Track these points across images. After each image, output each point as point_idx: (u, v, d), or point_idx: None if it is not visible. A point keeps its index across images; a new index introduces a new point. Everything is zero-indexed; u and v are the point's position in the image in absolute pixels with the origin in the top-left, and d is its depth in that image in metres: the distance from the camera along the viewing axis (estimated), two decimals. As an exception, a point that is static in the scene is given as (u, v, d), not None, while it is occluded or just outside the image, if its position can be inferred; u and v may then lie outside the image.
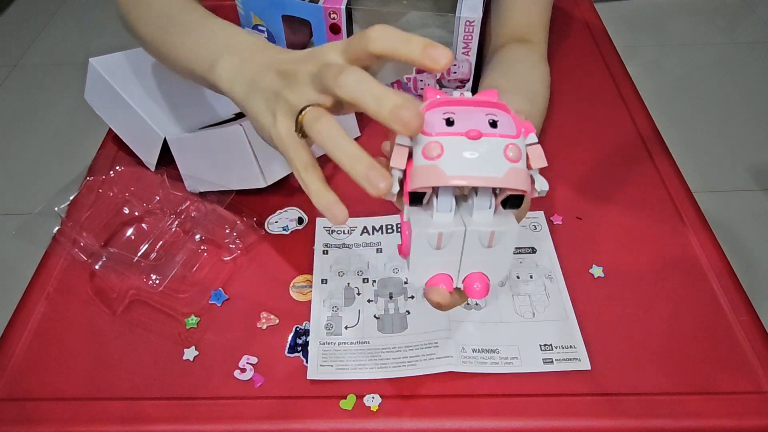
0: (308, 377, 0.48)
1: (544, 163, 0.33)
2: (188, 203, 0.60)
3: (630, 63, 0.84)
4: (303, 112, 0.36)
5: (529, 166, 0.33)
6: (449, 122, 0.32)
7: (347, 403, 0.46)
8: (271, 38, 0.75)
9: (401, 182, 0.34)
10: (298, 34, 0.74)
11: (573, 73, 0.78)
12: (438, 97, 0.34)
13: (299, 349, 0.50)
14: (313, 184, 0.37)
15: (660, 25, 2.27)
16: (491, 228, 0.34)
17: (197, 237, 0.58)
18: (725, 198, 1.60)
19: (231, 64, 0.44)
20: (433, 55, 0.32)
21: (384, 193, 0.32)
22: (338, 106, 0.37)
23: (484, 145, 0.31)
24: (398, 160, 0.33)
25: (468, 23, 0.67)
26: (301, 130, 0.36)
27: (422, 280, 0.37)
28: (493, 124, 0.32)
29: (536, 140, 0.34)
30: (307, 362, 0.49)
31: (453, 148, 0.31)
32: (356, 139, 0.69)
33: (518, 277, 0.55)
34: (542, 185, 0.34)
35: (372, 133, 0.69)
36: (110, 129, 0.69)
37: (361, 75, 0.33)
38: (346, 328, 0.51)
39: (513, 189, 0.32)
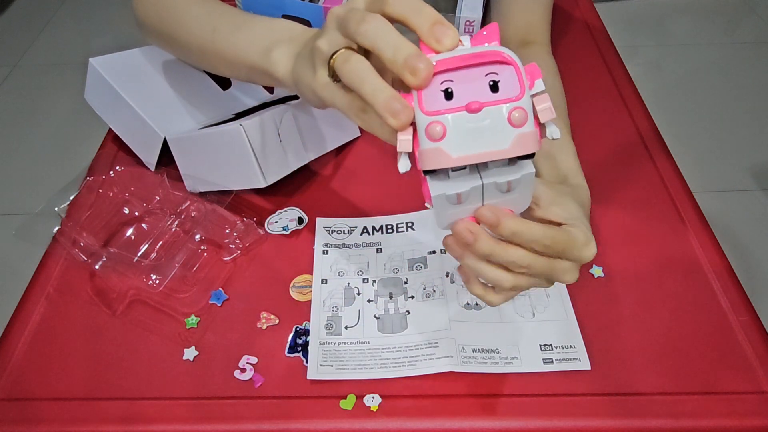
0: (308, 377, 0.48)
1: (553, 115, 0.32)
2: (188, 203, 0.60)
3: (630, 63, 0.84)
4: (333, 57, 0.36)
5: (537, 119, 0.32)
6: (448, 94, 0.31)
7: (347, 403, 0.46)
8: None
9: (410, 156, 0.34)
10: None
11: (573, 74, 0.78)
12: (433, 61, 0.31)
13: (299, 349, 0.50)
14: (374, 122, 0.37)
15: (660, 25, 2.27)
16: (508, 177, 0.33)
17: (197, 237, 0.58)
18: (725, 198, 1.60)
19: (286, 47, 0.46)
20: (438, 34, 0.32)
21: (404, 124, 0.32)
22: (363, 52, 0.37)
23: (487, 117, 0.30)
24: (404, 144, 0.32)
25: (468, 23, 0.67)
26: (334, 76, 0.37)
27: (446, 225, 0.37)
28: (494, 86, 0.30)
29: (542, 88, 0.32)
30: (307, 362, 0.49)
31: (455, 126, 0.30)
32: (356, 139, 0.70)
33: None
34: (553, 133, 0.33)
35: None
36: (110, 129, 0.69)
37: (381, 23, 0.33)
38: (346, 328, 0.51)
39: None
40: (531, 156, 0.32)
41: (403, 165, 0.34)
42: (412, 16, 0.33)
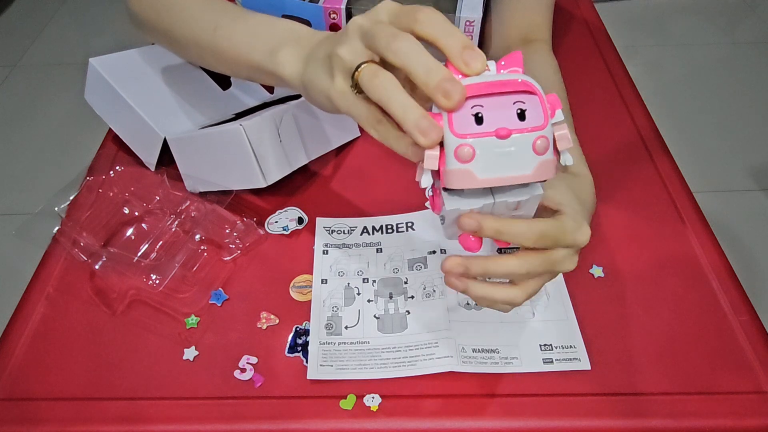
0: (308, 377, 0.48)
1: (570, 145, 0.34)
2: (188, 203, 0.60)
3: (630, 63, 0.84)
4: (359, 69, 0.36)
5: (555, 146, 0.34)
6: (478, 119, 0.32)
7: (347, 403, 0.46)
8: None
9: (434, 174, 0.36)
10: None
11: (573, 73, 0.78)
12: (463, 82, 0.33)
13: (299, 349, 0.50)
14: (389, 135, 0.37)
15: (660, 25, 2.27)
16: (518, 198, 0.35)
17: (197, 237, 0.58)
18: (725, 198, 1.60)
19: (293, 48, 0.45)
20: (468, 58, 0.33)
21: (433, 143, 0.33)
22: (383, 64, 0.37)
23: (514, 144, 0.32)
24: (431, 161, 0.34)
25: (468, 23, 0.67)
26: (357, 87, 0.37)
27: (455, 237, 0.40)
28: (521, 115, 0.32)
29: (562, 118, 0.34)
30: (307, 362, 0.49)
31: (484, 150, 0.32)
32: (356, 139, 0.70)
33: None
34: (567, 161, 0.35)
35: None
36: (110, 129, 0.69)
37: (412, 43, 0.34)
38: (346, 328, 0.51)
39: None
40: (544, 180, 0.34)
41: (426, 180, 0.35)
42: (443, 39, 0.34)
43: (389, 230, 0.60)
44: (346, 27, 0.38)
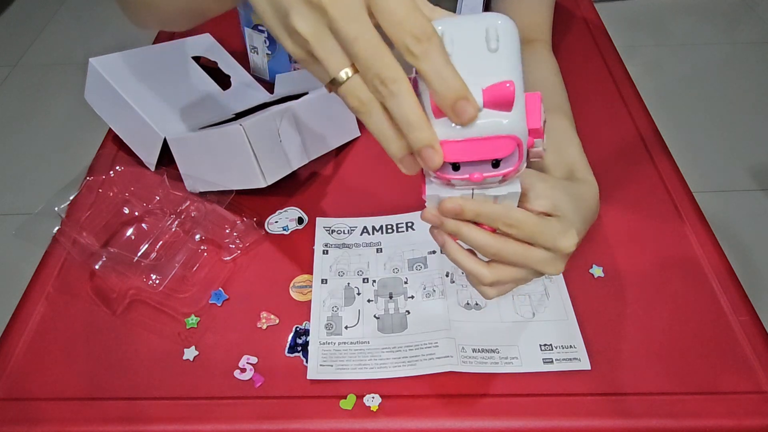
0: (308, 377, 0.48)
1: (540, 159, 0.36)
2: (188, 203, 0.60)
3: (630, 63, 0.84)
4: (343, 81, 0.32)
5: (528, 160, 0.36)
6: (455, 166, 0.34)
7: (347, 403, 0.46)
8: (271, 38, 0.75)
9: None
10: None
11: (573, 73, 0.78)
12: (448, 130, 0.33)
13: (299, 349, 0.50)
14: (379, 119, 0.34)
15: (660, 25, 2.27)
16: (495, 193, 0.37)
17: (197, 237, 0.58)
18: (725, 198, 1.60)
19: None
20: (460, 110, 0.31)
21: (412, 174, 0.34)
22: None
23: (485, 181, 0.35)
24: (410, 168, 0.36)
25: (468, 23, 0.67)
26: (331, 87, 0.33)
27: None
28: (496, 164, 0.33)
29: (540, 146, 0.35)
30: (307, 362, 0.49)
31: (459, 183, 0.35)
32: (356, 139, 0.69)
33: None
34: (536, 155, 0.36)
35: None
36: (110, 129, 0.69)
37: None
38: (346, 328, 0.51)
39: None
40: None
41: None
42: (436, 83, 0.30)
43: (389, 230, 0.60)
44: None
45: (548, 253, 0.39)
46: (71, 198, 0.60)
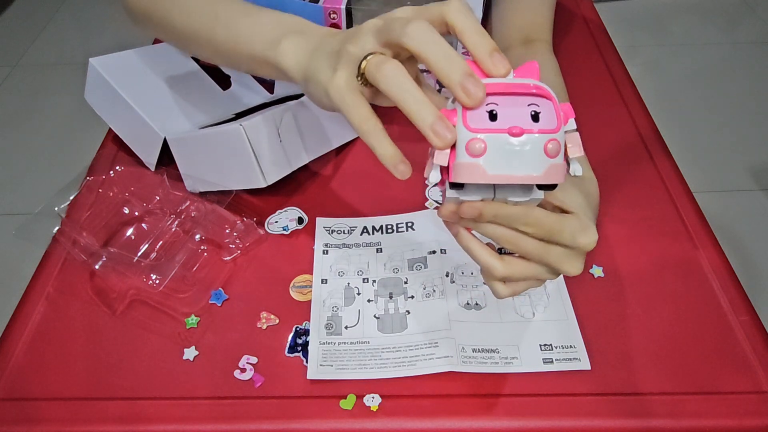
0: (308, 377, 0.48)
1: (581, 153, 0.35)
2: (188, 203, 0.60)
3: (630, 63, 0.84)
4: (366, 59, 0.35)
5: (566, 154, 0.34)
6: (492, 115, 0.32)
7: (347, 403, 0.46)
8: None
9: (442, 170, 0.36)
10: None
11: (573, 73, 0.78)
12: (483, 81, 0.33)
13: (299, 349, 0.50)
14: (373, 138, 0.36)
15: (660, 25, 2.27)
16: (517, 198, 0.36)
17: (197, 237, 0.58)
18: (725, 198, 1.60)
19: (297, 39, 0.44)
20: (496, 61, 0.33)
21: (447, 144, 0.33)
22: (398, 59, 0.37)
23: (526, 143, 0.32)
24: (441, 157, 0.34)
25: (468, 23, 0.66)
26: (363, 78, 0.36)
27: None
28: (535, 117, 0.32)
29: (575, 127, 0.34)
30: (307, 362, 0.49)
31: (495, 146, 0.32)
32: (356, 139, 0.69)
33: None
34: (576, 171, 0.36)
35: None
36: (110, 129, 0.69)
37: (431, 29, 0.33)
38: (346, 328, 0.51)
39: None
40: (552, 188, 0.35)
41: (435, 176, 0.35)
42: (473, 36, 0.33)
43: (389, 230, 0.60)
44: (361, 25, 0.38)
45: (567, 249, 0.39)
46: (71, 198, 0.60)
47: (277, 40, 0.45)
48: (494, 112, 0.32)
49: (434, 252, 0.57)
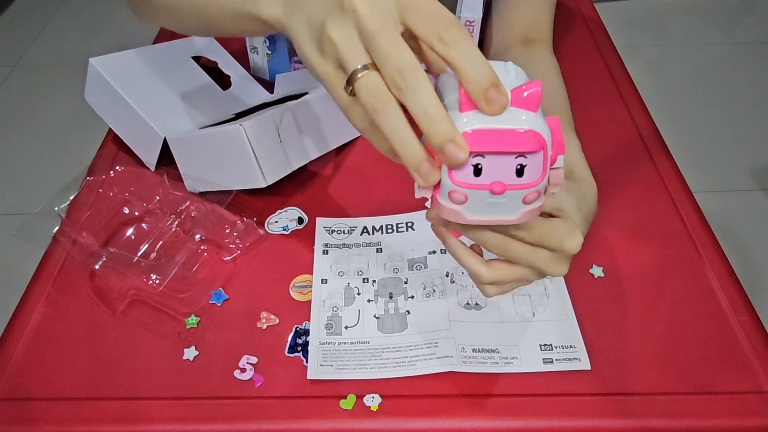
0: (308, 377, 0.48)
1: (560, 189, 0.36)
2: (188, 203, 0.60)
3: (630, 63, 0.84)
4: (358, 76, 0.32)
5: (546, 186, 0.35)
6: (477, 169, 0.32)
7: (347, 403, 0.46)
8: (271, 38, 0.75)
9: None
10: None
11: (573, 73, 0.78)
12: (470, 128, 0.31)
13: (299, 349, 0.50)
14: (395, 119, 0.33)
15: (660, 25, 2.27)
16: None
17: (197, 237, 0.58)
18: (725, 198, 1.60)
19: None
20: (492, 97, 0.31)
21: (430, 185, 0.33)
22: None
23: (505, 196, 0.33)
24: (425, 191, 0.35)
25: (468, 23, 0.67)
26: (351, 91, 0.33)
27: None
28: (520, 171, 0.32)
29: (562, 164, 0.35)
30: (307, 362, 0.49)
31: (476, 198, 0.33)
32: (356, 139, 0.69)
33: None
34: (560, 163, 0.35)
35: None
36: (110, 129, 0.69)
37: (423, 81, 0.31)
38: (346, 328, 0.51)
39: None
40: None
41: (420, 194, 0.36)
42: (469, 70, 0.31)
43: (389, 230, 0.60)
44: (344, 4, 0.33)
45: (554, 253, 0.39)
46: (71, 198, 0.60)
47: None
48: (479, 167, 0.32)
49: (434, 252, 0.57)
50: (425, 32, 0.31)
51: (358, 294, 0.54)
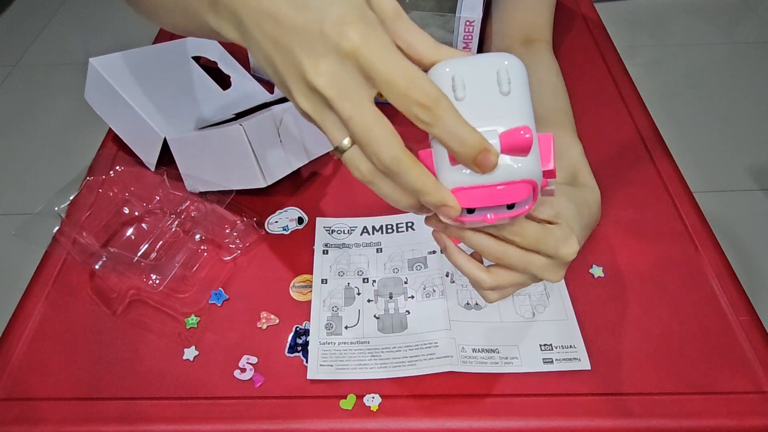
0: (308, 377, 0.48)
1: (550, 195, 0.40)
2: (188, 203, 0.60)
3: (630, 63, 0.84)
4: (345, 149, 0.32)
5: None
6: (470, 210, 0.34)
7: (347, 403, 0.46)
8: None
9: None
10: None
11: (573, 73, 0.78)
12: (460, 187, 0.33)
13: (299, 348, 0.50)
14: (385, 187, 0.34)
15: (660, 25, 2.27)
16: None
17: (197, 237, 0.58)
18: (725, 198, 1.60)
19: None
20: (482, 161, 0.31)
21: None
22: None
23: (497, 221, 0.35)
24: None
25: (468, 23, 0.67)
26: (339, 151, 0.33)
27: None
28: (511, 206, 0.34)
29: (552, 186, 0.37)
30: (307, 362, 0.49)
31: (470, 224, 0.36)
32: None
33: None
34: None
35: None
36: (110, 129, 0.69)
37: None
38: (346, 328, 0.51)
39: None
40: None
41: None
42: (453, 145, 0.30)
43: (389, 230, 0.60)
44: (316, 62, 0.30)
45: (549, 260, 0.40)
46: (71, 198, 0.60)
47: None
48: (473, 209, 0.34)
49: (434, 252, 0.57)
50: (402, 110, 0.30)
51: (358, 294, 0.54)
